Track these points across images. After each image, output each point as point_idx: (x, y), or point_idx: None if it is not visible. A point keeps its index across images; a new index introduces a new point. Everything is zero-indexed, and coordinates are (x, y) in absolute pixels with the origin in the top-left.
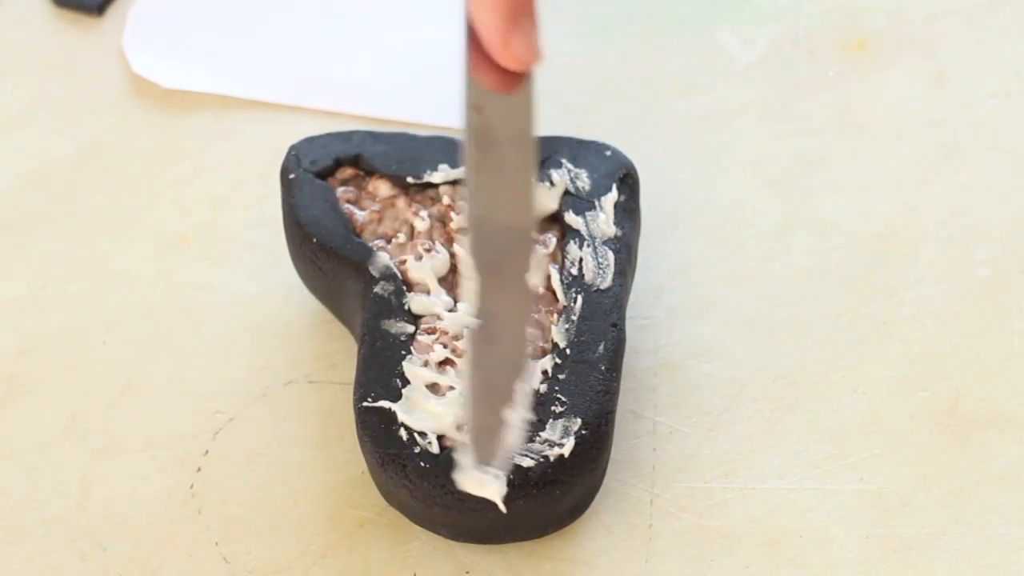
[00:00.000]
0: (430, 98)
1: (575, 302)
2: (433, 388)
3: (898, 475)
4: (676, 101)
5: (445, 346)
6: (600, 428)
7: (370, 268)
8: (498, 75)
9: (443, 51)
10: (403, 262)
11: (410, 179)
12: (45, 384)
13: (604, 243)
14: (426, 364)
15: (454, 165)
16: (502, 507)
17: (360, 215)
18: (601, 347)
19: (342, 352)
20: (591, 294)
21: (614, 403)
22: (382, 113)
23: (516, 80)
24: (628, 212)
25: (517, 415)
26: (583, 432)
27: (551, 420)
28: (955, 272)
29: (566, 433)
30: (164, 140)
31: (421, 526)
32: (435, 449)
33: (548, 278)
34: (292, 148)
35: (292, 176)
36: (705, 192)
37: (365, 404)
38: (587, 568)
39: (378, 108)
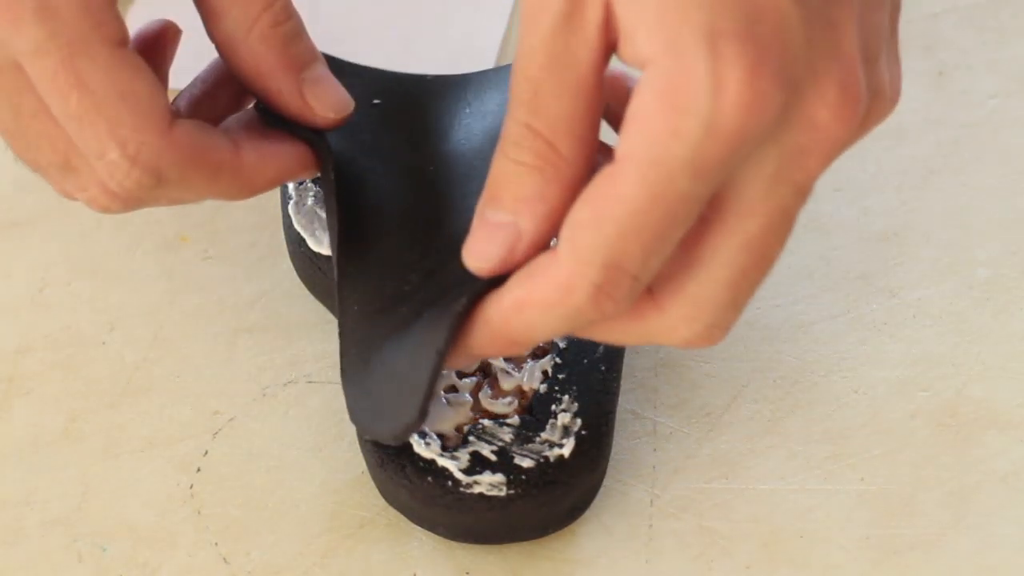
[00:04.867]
0: None
1: None
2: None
3: (898, 475)
4: None
5: None
6: (600, 428)
7: None
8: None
9: (443, 51)
10: None
11: None
12: (45, 384)
13: None
14: None
15: None
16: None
17: None
18: (601, 347)
19: None
20: None
21: (614, 403)
22: None
23: None
24: None
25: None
26: (583, 432)
27: (551, 420)
28: (955, 272)
29: (566, 433)
30: None
31: (421, 526)
32: (435, 449)
33: None
34: None
35: None
36: None
37: None
38: (587, 568)
39: None
